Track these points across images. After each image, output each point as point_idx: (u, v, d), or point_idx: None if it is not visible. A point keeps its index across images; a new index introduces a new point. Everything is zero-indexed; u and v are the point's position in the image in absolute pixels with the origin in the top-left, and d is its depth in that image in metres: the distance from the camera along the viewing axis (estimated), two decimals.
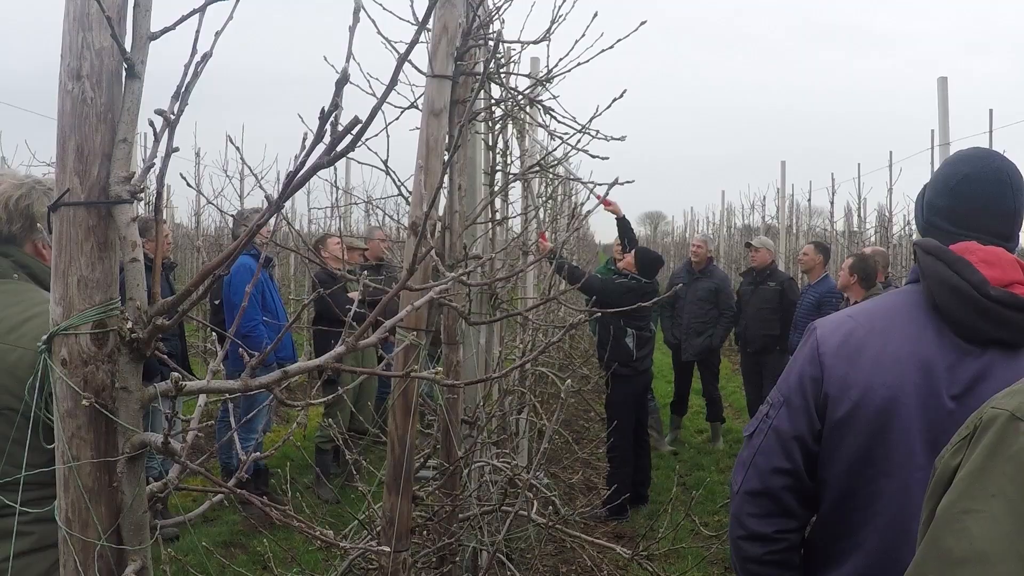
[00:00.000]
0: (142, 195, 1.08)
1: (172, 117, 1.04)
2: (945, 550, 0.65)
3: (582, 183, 3.84)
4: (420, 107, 2.31)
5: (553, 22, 2.87)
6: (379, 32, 2.65)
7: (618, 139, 3.07)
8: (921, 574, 0.70)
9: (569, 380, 4.53)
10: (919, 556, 0.72)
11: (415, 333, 2.23)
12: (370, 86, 2.67)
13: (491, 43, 2.62)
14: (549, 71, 2.91)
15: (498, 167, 4.06)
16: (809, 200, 16.61)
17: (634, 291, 5.62)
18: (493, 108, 3.56)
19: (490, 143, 3.85)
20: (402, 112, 2.71)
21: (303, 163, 0.93)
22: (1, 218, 1.82)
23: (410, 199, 2.31)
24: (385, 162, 2.76)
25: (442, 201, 2.72)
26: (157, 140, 1.06)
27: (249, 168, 2.87)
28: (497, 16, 2.80)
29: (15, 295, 1.79)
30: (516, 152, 5.15)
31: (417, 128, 2.23)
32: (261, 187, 2.53)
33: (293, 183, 0.96)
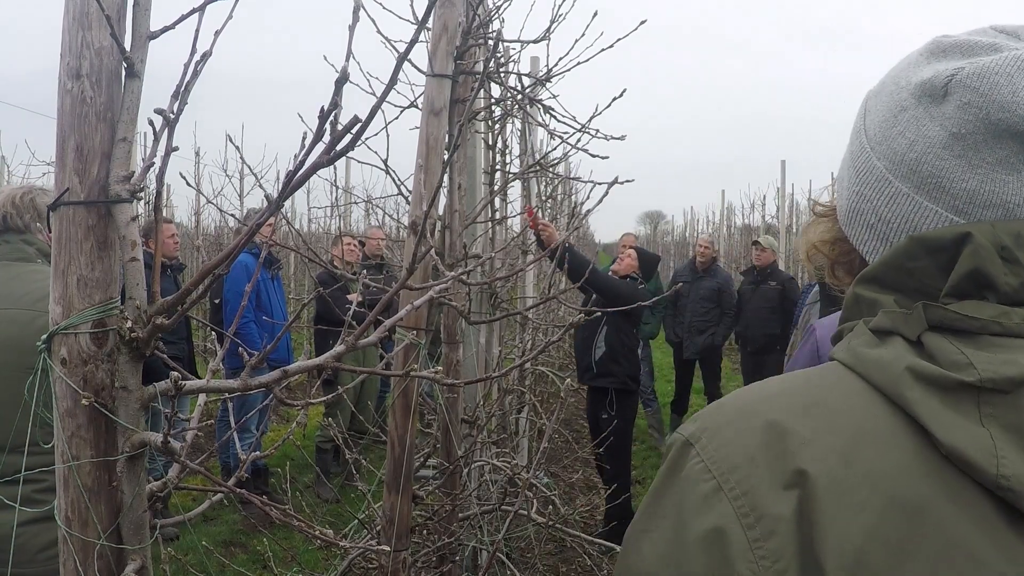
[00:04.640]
0: (142, 194, 1.08)
1: (172, 116, 1.04)
2: (626, 566, 0.75)
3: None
4: (420, 106, 2.31)
5: (553, 21, 2.87)
6: (379, 31, 2.65)
7: (618, 138, 3.07)
8: None
9: (569, 379, 4.52)
10: (616, 566, 0.82)
11: (415, 332, 2.23)
12: (370, 85, 2.67)
13: (491, 42, 2.62)
14: (549, 70, 2.91)
15: (498, 166, 4.06)
16: (809, 200, 16.60)
17: (643, 294, 4.76)
18: (493, 107, 3.56)
19: (490, 142, 3.86)
20: (402, 111, 2.71)
21: (302, 162, 0.93)
22: (12, 213, 2.10)
23: (410, 198, 2.31)
24: (385, 161, 2.76)
25: (442, 200, 2.72)
26: (157, 139, 1.06)
27: (249, 167, 2.88)
28: (497, 15, 2.80)
29: (40, 273, 2.05)
30: (516, 151, 5.16)
31: (417, 127, 2.23)
32: (261, 186, 2.53)
33: (292, 182, 0.95)
